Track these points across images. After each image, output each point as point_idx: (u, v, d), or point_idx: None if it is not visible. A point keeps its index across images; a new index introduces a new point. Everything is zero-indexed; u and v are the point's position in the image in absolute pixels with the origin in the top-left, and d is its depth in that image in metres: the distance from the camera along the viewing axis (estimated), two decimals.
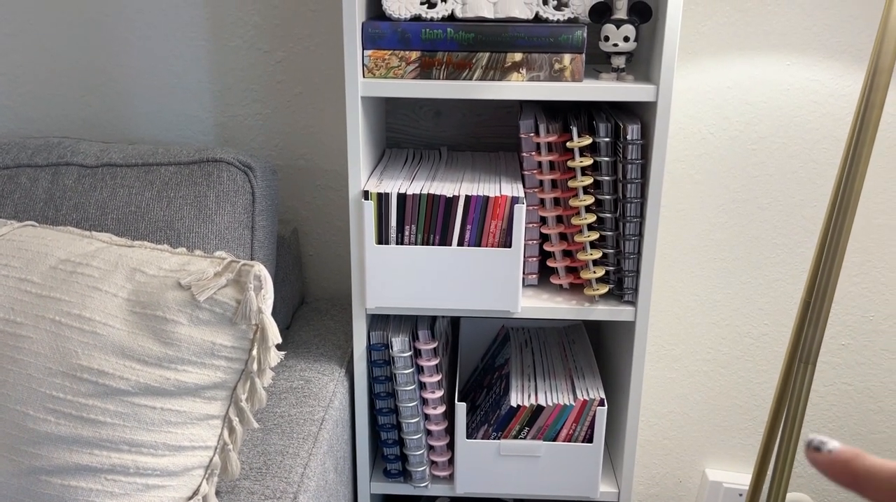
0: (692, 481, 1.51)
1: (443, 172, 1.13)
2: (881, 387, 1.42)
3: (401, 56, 1.00)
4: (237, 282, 0.82)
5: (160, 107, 1.32)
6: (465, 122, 1.29)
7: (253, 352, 0.83)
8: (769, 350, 1.41)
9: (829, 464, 0.32)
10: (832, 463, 0.32)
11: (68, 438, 0.79)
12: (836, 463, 0.32)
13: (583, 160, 1.04)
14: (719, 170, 1.31)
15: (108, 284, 0.83)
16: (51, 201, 1.06)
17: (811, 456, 0.33)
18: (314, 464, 0.95)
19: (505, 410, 1.12)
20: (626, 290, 1.09)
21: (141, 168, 1.08)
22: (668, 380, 1.44)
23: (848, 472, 0.32)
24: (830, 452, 0.32)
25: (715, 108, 1.28)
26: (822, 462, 0.32)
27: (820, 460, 0.32)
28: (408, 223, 1.04)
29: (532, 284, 1.15)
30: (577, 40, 0.99)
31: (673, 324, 1.41)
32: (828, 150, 1.29)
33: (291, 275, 1.29)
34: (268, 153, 1.34)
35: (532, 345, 1.28)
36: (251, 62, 1.29)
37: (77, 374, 0.79)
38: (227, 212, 1.05)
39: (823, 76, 1.25)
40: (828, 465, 0.32)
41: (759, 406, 1.45)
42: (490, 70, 1.00)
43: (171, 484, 0.82)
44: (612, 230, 1.08)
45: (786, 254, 1.35)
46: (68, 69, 1.32)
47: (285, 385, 1.09)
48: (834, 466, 0.32)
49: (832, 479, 0.32)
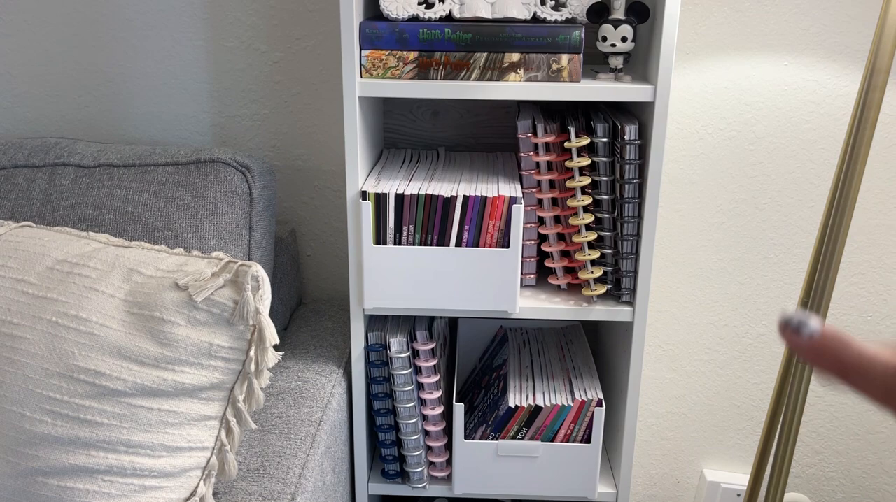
0: (690, 481, 1.51)
1: (441, 172, 1.13)
2: None
3: (398, 56, 1.00)
4: (234, 283, 0.82)
5: (158, 107, 1.32)
6: (462, 122, 1.29)
7: (250, 352, 0.83)
8: (767, 350, 1.41)
9: (812, 350, 0.28)
10: (814, 349, 0.28)
11: (65, 439, 0.78)
12: (819, 349, 0.28)
13: (580, 160, 1.04)
14: (717, 171, 1.31)
15: (105, 285, 0.83)
16: (48, 201, 1.05)
17: (790, 338, 0.28)
18: (312, 465, 0.95)
19: (503, 411, 1.12)
20: (623, 291, 1.09)
21: (138, 168, 1.08)
22: (666, 381, 1.44)
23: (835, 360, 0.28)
24: (812, 336, 0.28)
25: (713, 109, 1.28)
26: (804, 348, 0.28)
27: (800, 345, 0.28)
28: (406, 223, 1.04)
29: (530, 284, 1.15)
30: (575, 40, 0.99)
31: (671, 325, 1.41)
32: (826, 151, 1.29)
33: (289, 275, 1.28)
34: (266, 153, 1.34)
35: (530, 346, 1.28)
36: (249, 62, 1.29)
37: (74, 375, 0.79)
38: (224, 213, 1.05)
39: (821, 76, 1.25)
40: (810, 351, 0.28)
41: (758, 406, 1.45)
42: (488, 70, 1.00)
43: (168, 485, 0.81)
44: (609, 230, 1.08)
45: (784, 254, 1.35)
46: (66, 69, 1.31)
47: (283, 385, 1.09)
48: (817, 353, 0.28)
49: (814, 365, 0.28)
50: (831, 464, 1.48)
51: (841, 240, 0.93)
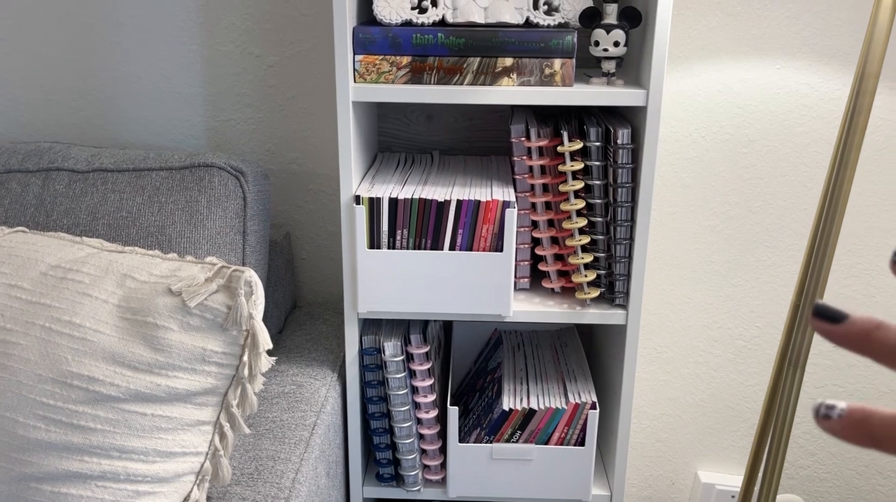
0: (685, 483, 1.51)
1: (434, 176, 1.13)
2: (871, 389, 1.42)
3: (392, 61, 1.00)
4: (228, 288, 0.82)
5: (152, 111, 1.32)
6: (456, 126, 1.29)
7: (244, 357, 0.83)
8: (761, 352, 1.41)
9: (843, 428, 0.31)
10: (845, 427, 0.31)
11: (59, 445, 0.78)
12: (849, 425, 0.31)
13: (573, 164, 1.04)
14: (710, 174, 1.32)
15: (98, 290, 0.83)
16: (41, 206, 1.05)
17: (823, 424, 0.32)
18: (306, 469, 0.95)
19: (497, 414, 1.12)
20: (617, 294, 1.10)
21: (132, 173, 1.08)
22: (660, 383, 1.45)
23: (864, 432, 0.31)
24: (841, 416, 0.31)
25: (705, 112, 1.28)
26: (836, 428, 0.31)
27: (833, 427, 0.31)
28: (399, 227, 1.04)
29: (524, 288, 1.15)
30: (568, 45, 0.99)
31: (665, 327, 1.41)
32: (818, 153, 1.29)
33: (284, 279, 1.29)
34: (260, 157, 1.34)
35: (524, 349, 1.28)
36: (243, 67, 1.29)
37: (67, 381, 0.79)
38: (218, 217, 1.05)
39: (813, 79, 1.26)
40: (841, 430, 0.31)
41: (751, 408, 1.45)
42: (481, 75, 1.00)
43: (161, 490, 0.81)
44: (603, 234, 1.08)
45: (777, 256, 1.36)
46: (59, 74, 1.31)
47: (277, 390, 1.09)
48: (848, 429, 0.31)
49: (849, 442, 0.31)
50: (825, 466, 1.48)
51: (832, 243, 0.94)
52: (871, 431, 0.31)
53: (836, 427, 0.31)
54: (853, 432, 0.31)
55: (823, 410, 0.32)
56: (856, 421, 0.31)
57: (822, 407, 0.32)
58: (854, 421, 0.31)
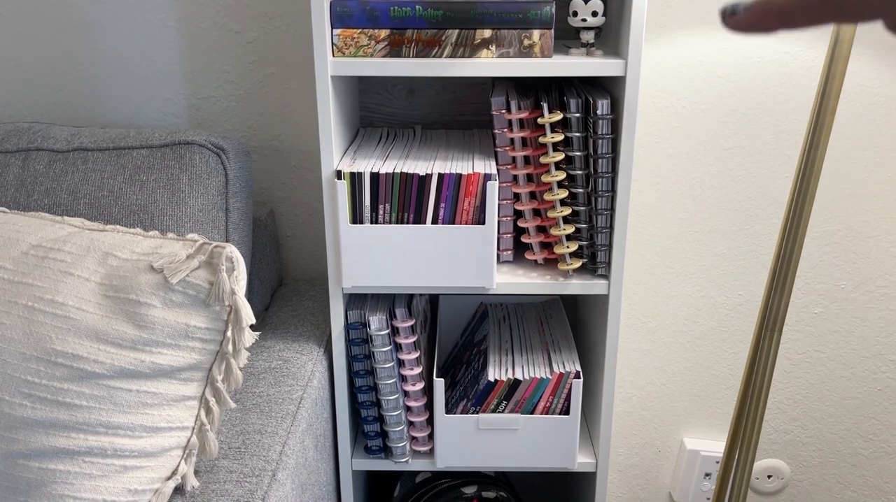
0: (671, 450, 1.54)
1: (416, 151, 1.13)
2: (853, 355, 1.45)
3: (370, 34, 1.00)
4: (209, 264, 0.82)
5: (131, 90, 1.31)
6: (438, 99, 1.29)
7: (227, 333, 0.83)
8: (744, 320, 1.43)
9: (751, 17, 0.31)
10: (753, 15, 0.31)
11: (45, 422, 0.79)
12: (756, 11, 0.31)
13: (554, 136, 1.05)
14: (692, 144, 1.32)
15: (80, 269, 0.83)
16: (22, 187, 1.05)
17: (732, 22, 0.31)
18: (293, 442, 0.96)
19: (483, 385, 1.13)
20: (599, 264, 1.10)
21: (112, 152, 1.07)
22: (645, 352, 1.46)
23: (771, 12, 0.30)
24: (747, 8, 0.31)
25: (687, 82, 1.29)
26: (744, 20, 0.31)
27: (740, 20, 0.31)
28: (381, 202, 1.04)
29: (507, 260, 1.16)
30: (546, 16, 0.99)
31: (649, 297, 1.42)
32: (799, 122, 1.30)
33: (269, 256, 1.29)
34: (242, 135, 1.34)
35: (510, 321, 1.29)
36: (222, 43, 1.28)
37: (51, 359, 0.79)
38: (200, 195, 1.05)
39: (793, 48, 1.26)
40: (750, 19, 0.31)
41: (735, 375, 1.47)
42: (460, 47, 1.00)
43: (148, 464, 0.82)
44: (584, 205, 1.09)
45: (759, 225, 1.37)
46: (37, 53, 1.30)
47: (264, 365, 1.10)
48: (756, 15, 0.31)
49: (762, 30, 0.31)
50: (807, 430, 1.51)
51: (807, 209, 0.95)
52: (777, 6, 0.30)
53: (744, 18, 0.31)
54: (762, 17, 0.31)
55: (730, 9, 0.31)
56: (761, 4, 0.30)
57: (727, 7, 0.31)
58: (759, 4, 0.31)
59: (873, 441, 1.50)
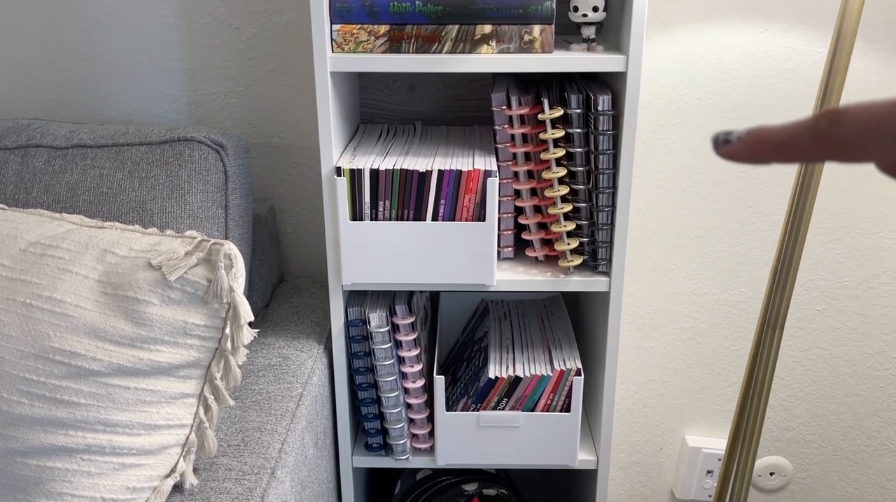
0: (672, 447, 1.53)
1: (417, 147, 1.13)
2: (856, 351, 1.44)
3: (369, 30, 1.00)
4: (208, 261, 0.82)
5: (131, 86, 1.31)
6: (439, 95, 1.28)
7: (226, 330, 0.83)
8: (746, 317, 1.43)
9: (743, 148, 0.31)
10: (746, 146, 0.31)
11: (43, 420, 0.79)
12: (748, 143, 0.31)
13: (555, 132, 1.04)
14: (694, 140, 1.31)
15: (78, 266, 0.83)
16: (21, 184, 1.05)
17: (724, 151, 0.32)
18: (292, 440, 0.96)
19: (483, 382, 1.13)
20: (600, 261, 1.10)
21: (112, 148, 1.07)
22: (647, 349, 1.46)
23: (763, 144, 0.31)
24: (740, 138, 0.31)
25: (689, 78, 1.28)
26: (737, 150, 0.31)
27: (732, 150, 0.31)
28: (381, 199, 1.04)
29: (508, 257, 1.16)
30: (547, 11, 0.98)
31: (651, 294, 1.42)
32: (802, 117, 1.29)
33: (269, 253, 1.29)
34: (242, 131, 1.33)
35: (511, 318, 1.29)
36: (222, 39, 1.28)
37: (50, 356, 0.79)
38: (199, 192, 1.04)
39: (796, 43, 1.25)
40: (743, 149, 0.31)
41: (737, 372, 1.47)
42: (460, 43, 1.00)
43: (147, 462, 0.82)
44: (585, 201, 1.08)
45: (762, 222, 1.36)
46: (37, 49, 1.30)
47: (263, 362, 1.10)
48: (749, 147, 0.31)
49: (754, 161, 0.31)
50: (810, 428, 1.50)
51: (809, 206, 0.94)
52: (770, 140, 0.30)
53: (737, 148, 0.31)
54: (754, 148, 0.31)
55: (722, 137, 0.32)
56: (754, 136, 0.31)
57: (720, 135, 0.32)
58: (752, 136, 0.31)
59: (876, 438, 1.50)
